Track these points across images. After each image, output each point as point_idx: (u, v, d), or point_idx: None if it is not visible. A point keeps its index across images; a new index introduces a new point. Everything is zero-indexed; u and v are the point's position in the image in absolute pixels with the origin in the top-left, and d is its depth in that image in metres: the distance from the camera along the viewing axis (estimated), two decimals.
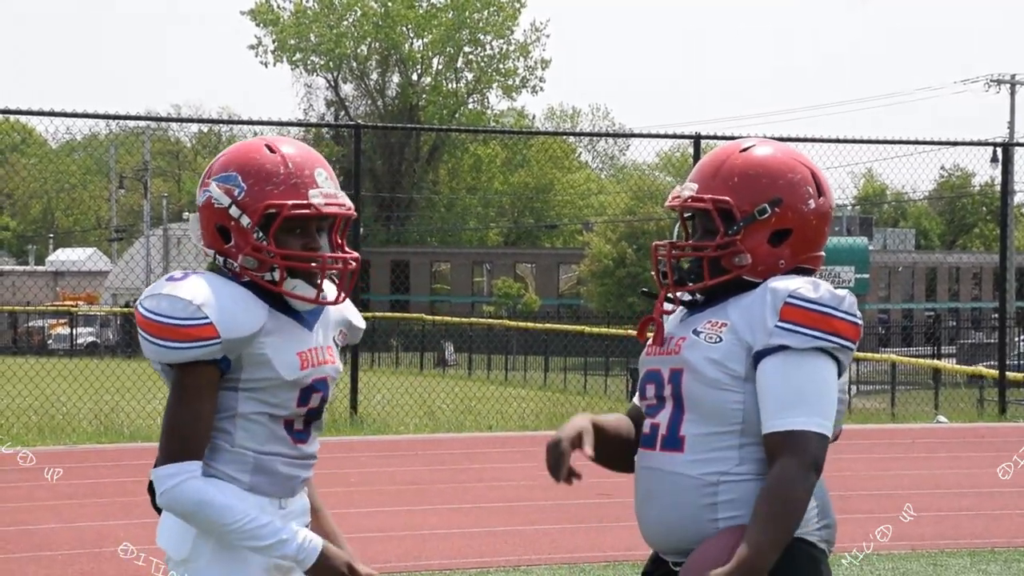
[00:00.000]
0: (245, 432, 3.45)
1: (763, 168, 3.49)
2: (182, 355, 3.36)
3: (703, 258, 3.47)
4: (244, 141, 3.55)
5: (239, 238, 3.45)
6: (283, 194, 3.43)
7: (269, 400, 3.45)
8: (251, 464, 3.45)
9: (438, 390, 23.03)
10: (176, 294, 3.37)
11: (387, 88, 76.57)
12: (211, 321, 3.35)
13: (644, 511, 3.50)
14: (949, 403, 22.51)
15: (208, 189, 3.48)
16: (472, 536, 9.93)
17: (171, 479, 3.40)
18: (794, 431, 3.30)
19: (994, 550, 9.61)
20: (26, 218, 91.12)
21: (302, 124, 48.74)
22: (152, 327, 3.37)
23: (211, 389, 3.40)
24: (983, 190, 71.03)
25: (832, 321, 3.35)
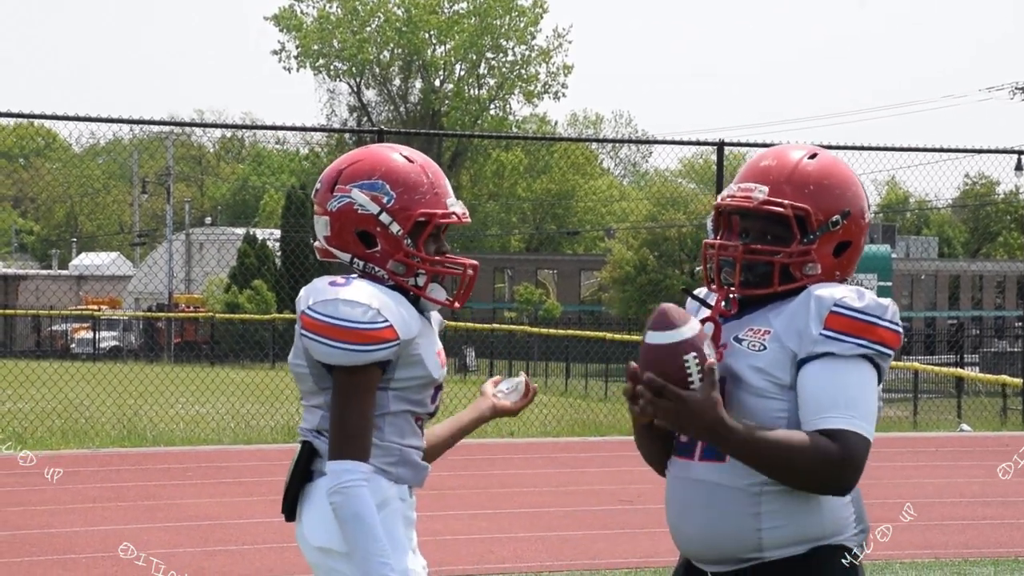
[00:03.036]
0: (392, 428, 3.62)
1: (836, 179, 3.46)
2: (364, 357, 3.50)
3: (774, 263, 3.42)
4: (372, 148, 3.70)
5: (387, 244, 3.61)
6: (429, 203, 3.63)
7: (413, 398, 3.64)
8: (397, 456, 3.63)
9: (459, 396, 23.02)
10: (352, 298, 3.51)
11: (409, 94, 76.67)
12: (391, 324, 3.51)
13: (682, 522, 3.44)
14: (972, 412, 22.44)
15: (349, 195, 3.61)
16: (494, 542, 9.93)
17: (347, 474, 3.51)
18: (836, 429, 3.28)
19: (1018, 559, 9.59)
20: (50, 222, 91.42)
21: (325, 130, 48.83)
22: (332, 331, 3.49)
23: (374, 389, 3.56)
24: (1007, 198, 70.75)
25: (876, 330, 3.33)
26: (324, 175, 3.67)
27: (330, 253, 3.66)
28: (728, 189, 3.52)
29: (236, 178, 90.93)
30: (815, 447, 3.25)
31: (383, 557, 3.49)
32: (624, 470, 13.21)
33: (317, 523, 3.60)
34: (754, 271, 3.44)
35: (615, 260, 57.05)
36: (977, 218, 76.85)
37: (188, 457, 14.56)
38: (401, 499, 3.65)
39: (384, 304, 3.52)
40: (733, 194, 3.48)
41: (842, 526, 3.39)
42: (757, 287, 3.43)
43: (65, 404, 20.04)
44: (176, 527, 10.43)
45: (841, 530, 3.39)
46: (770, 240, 3.44)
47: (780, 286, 3.42)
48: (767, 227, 3.45)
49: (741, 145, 21.02)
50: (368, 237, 3.62)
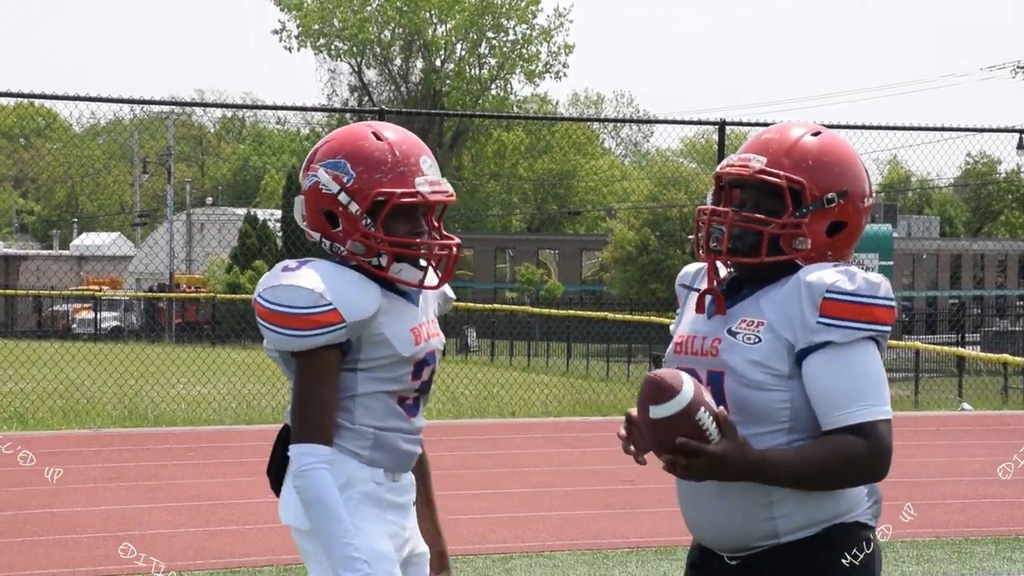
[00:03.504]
0: (365, 410, 3.58)
1: (836, 157, 3.44)
2: (309, 342, 3.48)
3: (763, 233, 3.40)
4: (349, 126, 3.65)
5: (347, 224, 3.57)
6: (391, 182, 3.55)
7: (387, 377, 3.59)
8: (371, 440, 3.60)
9: (461, 376, 23.04)
10: (296, 283, 3.48)
11: (410, 74, 76.56)
12: (335, 307, 3.47)
13: (694, 512, 3.44)
14: (973, 391, 22.45)
15: (315, 174, 3.58)
16: (495, 522, 9.94)
17: (307, 457, 3.50)
18: (863, 423, 3.27)
19: (1019, 538, 9.59)
20: (50, 202, 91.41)
21: (325, 109, 48.72)
22: (277, 317, 3.49)
23: (335, 372, 3.53)
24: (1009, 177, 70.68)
25: (872, 310, 3.32)
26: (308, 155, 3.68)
27: (310, 233, 3.65)
28: (728, 159, 3.51)
29: (237, 158, 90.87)
30: (846, 451, 3.26)
31: (346, 538, 3.48)
32: None
33: (285, 502, 3.63)
34: (743, 239, 3.42)
35: (616, 240, 57.01)
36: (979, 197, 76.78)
37: (189, 437, 14.58)
38: (376, 482, 3.60)
39: (330, 287, 3.48)
40: (732, 163, 3.47)
41: (856, 503, 3.40)
42: (745, 255, 3.41)
43: (67, 384, 20.06)
44: (178, 507, 10.44)
45: (855, 506, 3.39)
46: (765, 211, 3.42)
47: (768, 257, 3.40)
48: (762, 198, 3.43)
49: (742, 124, 20.99)
50: (333, 217, 3.58)
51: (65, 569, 8.36)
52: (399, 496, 3.67)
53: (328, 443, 3.52)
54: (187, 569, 8.37)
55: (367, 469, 3.60)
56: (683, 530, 3.74)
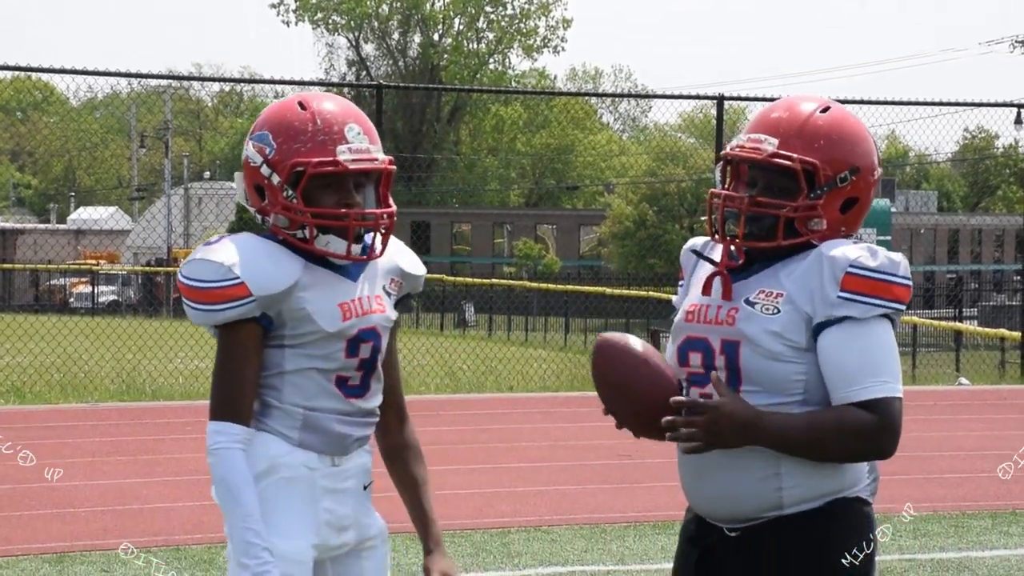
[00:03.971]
0: (294, 388, 3.49)
1: (847, 133, 3.42)
2: (219, 316, 3.43)
3: (780, 217, 3.38)
4: (283, 99, 3.58)
5: (271, 196, 3.49)
6: (310, 152, 3.45)
7: (316, 354, 3.48)
8: (300, 420, 3.49)
9: (459, 351, 23.05)
10: (208, 257, 3.43)
11: (408, 48, 76.39)
12: (242, 280, 3.40)
13: (698, 483, 3.43)
14: (971, 365, 22.46)
15: (246, 148, 3.53)
16: (493, 496, 9.95)
17: (217, 436, 3.44)
18: (875, 400, 3.28)
19: (1015, 512, 9.61)
20: (48, 176, 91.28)
21: (323, 84, 48.59)
22: (190, 292, 3.45)
23: (254, 348, 3.46)
24: (1006, 152, 70.62)
25: (893, 288, 3.32)
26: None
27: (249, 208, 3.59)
28: (737, 138, 3.47)
29: (234, 132, 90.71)
30: (854, 422, 3.27)
31: (247, 523, 3.38)
32: None
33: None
34: (759, 223, 3.40)
35: (614, 215, 56.97)
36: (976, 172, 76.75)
37: (187, 411, 14.57)
38: (308, 467, 3.49)
39: (242, 261, 3.41)
40: (742, 144, 3.43)
41: (859, 478, 3.41)
42: (761, 240, 3.40)
43: (64, 358, 20.05)
44: (175, 481, 10.45)
45: (858, 482, 3.41)
46: (777, 192, 3.40)
47: (784, 240, 3.38)
48: (775, 179, 3.41)
49: (741, 99, 20.96)
50: (260, 190, 3.50)
51: (63, 543, 8.37)
52: (339, 482, 3.53)
53: (243, 422, 3.44)
54: (185, 543, 8.37)
55: (298, 452, 3.48)
56: (681, 504, 3.73)
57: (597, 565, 7.97)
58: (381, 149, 3.53)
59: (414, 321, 41.72)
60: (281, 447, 3.48)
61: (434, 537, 3.67)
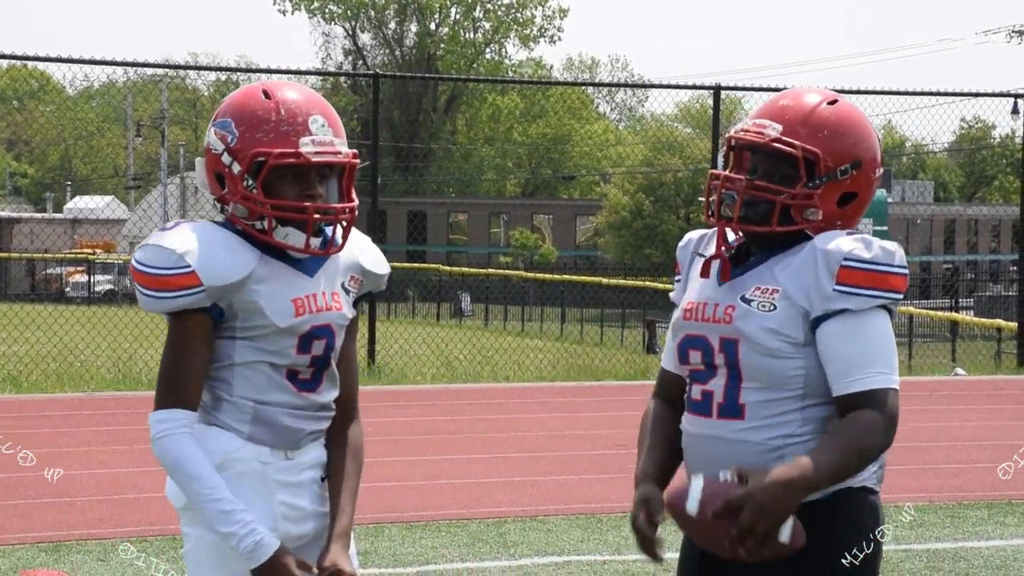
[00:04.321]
0: (244, 381, 3.43)
1: (852, 127, 3.42)
2: (168, 304, 3.37)
3: (776, 203, 3.38)
4: (248, 86, 3.52)
5: (231, 185, 3.42)
6: (272, 142, 3.38)
7: (267, 348, 3.42)
8: (250, 414, 3.43)
9: (455, 341, 23.04)
10: (161, 243, 3.37)
11: (405, 37, 76.32)
12: (193, 269, 3.34)
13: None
14: (967, 355, 22.48)
15: (208, 134, 3.48)
16: (489, 486, 9.95)
17: (160, 425, 3.38)
18: (874, 390, 3.28)
19: (1011, 502, 9.62)
20: (44, 165, 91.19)
21: (320, 73, 48.61)
22: (140, 278, 3.39)
23: (203, 338, 3.39)
24: (1003, 142, 70.62)
25: (889, 278, 3.32)
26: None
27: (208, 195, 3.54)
28: (742, 123, 3.48)
29: None
30: (861, 428, 3.26)
31: (214, 493, 3.33)
32: (619, 414, 13.22)
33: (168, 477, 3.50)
34: (755, 208, 3.40)
35: (611, 205, 56.96)
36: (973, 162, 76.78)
37: None
38: (261, 461, 3.43)
39: (195, 249, 3.34)
40: (747, 128, 3.44)
41: (866, 469, 3.40)
42: (756, 223, 3.39)
43: (60, 348, 20.04)
44: None
45: (864, 472, 3.40)
46: (777, 179, 3.40)
47: (778, 227, 3.38)
48: (776, 166, 3.41)
49: (738, 89, 21.02)
50: (221, 178, 3.44)
51: (59, 532, 8.37)
52: (293, 475, 3.47)
53: (190, 408, 3.38)
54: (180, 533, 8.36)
55: (250, 447, 3.43)
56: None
57: (593, 555, 7.98)
58: (345, 142, 3.45)
59: (411, 311, 41.71)
60: (233, 442, 3.43)
61: (337, 529, 3.51)
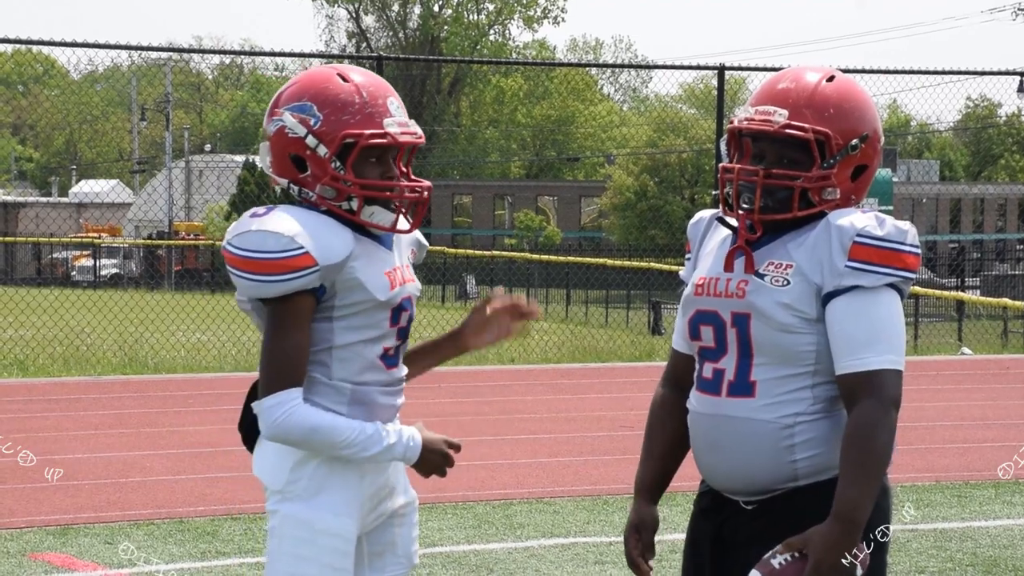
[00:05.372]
0: (342, 363, 3.48)
1: (855, 101, 3.42)
2: (282, 287, 3.39)
3: (795, 188, 3.36)
4: (314, 69, 3.57)
5: (316, 168, 3.48)
6: (359, 124, 3.46)
7: (364, 324, 3.49)
8: (348, 395, 3.49)
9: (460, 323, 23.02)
10: (266, 228, 3.39)
11: (408, 20, 76.18)
12: (307, 250, 3.38)
13: (711, 458, 3.43)
14: (973, 335, 22.47)
15: (281, 118, 3.49)
16: (495, 468, 9.96)
17: (279, 408, 3.40)
18: (872, 371, 3.28)
19: (1018, 481, 9.62)
20: (49, 149, 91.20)
21: (323, 55, 48.47)
22: (247, 264, 3.40)
23: (307, 319, 3.43)
24: (1009, 121, 70.48)
25: (901, 256, 3.32)
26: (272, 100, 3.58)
27: (275, 180, 3.56)
28: (743, 111, 3.46)
29: (235, 105, 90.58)
30: (861, 428, 3.26)
31: (351, 430, 3.41)
32: (624, 396, 13.23)
33: (257, 453, 3.55)
34: (774, 196, 3.39)
35: (615, 186, 56.89)
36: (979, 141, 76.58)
37: (189, 384, 14.59)
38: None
39: (301, 231, 3.38)
40: (751, 117, 3.41)
41: None
42: (776, 212, 3.38)
43: (66, 332, 20.07)
44: (178, 454, 10.46)
45: None
46: (786, 164, 3.39)
47: (800, 211, 3.37)
48: (784, 151, 3.39)
49: (742, 69, 20.91)
50: (301, 161, 3.48)
51: (66, 515, 8.38)
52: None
53: (299, 386, 3.42)
54: (188, 516, 8.38)
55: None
56: (682, 476, 3.73)
57: (599, 536, 7.98)
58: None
59: None
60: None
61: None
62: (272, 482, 3.51)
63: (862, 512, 3.24)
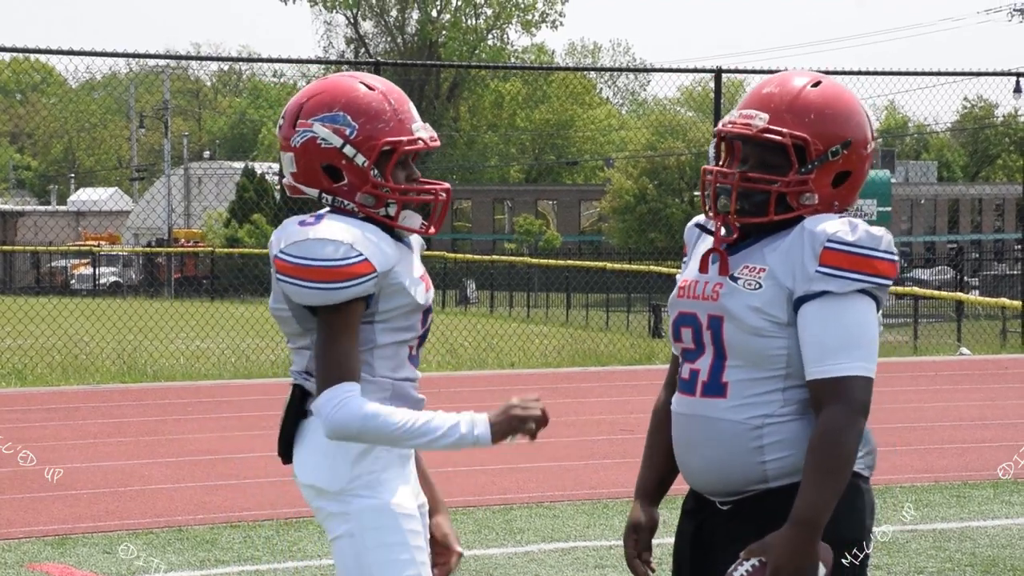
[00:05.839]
0: (383, 361, 3.53)
1: (838, 108, 3.42)
2: (343, 294, 3.42)
3: (771, 192, 3.38)
4: (332, 78, 3.60)
5: (354, 177, 3.52)
6: (393, 131, 3.52)
7: (402, 326, 3.54)
8: (389, 391, 3.54)
9: (460, 328, 23.04)
10: (323, 236, 3.43)
11: (406, 25, 76.23)
12: (366, 257, 3.42)
13: (687, 457, 3.47)
14: (972, 335, 22.46)
15: (311, 129, 3.52)
16: (496, 473, 9.96)
17: (332, 402, 3.43)
18: (840, 377, 3.28)
19: (1017, 481, 9.61)
20: (47, 158, 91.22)
21: (322, 61, 48.50)
22: (306, 272, 3.41)
23: (358, 324, 3.48)
24: (1006, 121, 70.50)
25: (873, 262, 3.31)
26: (286, 110, 3.59)
27: (299, 190, 3.57)
28: (730, 115, 3.48)
29: (234, 112, 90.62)
30: (825, 433, 3.27)
31: (418, 421, 3.43)
32: (625, 399, 13.23)
33: (305, 460, 3.56)
34: (751, 199, 3.40)
35: (615, 190, 56.92)
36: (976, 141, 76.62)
37: (189, 392, 14.58)
38: None
39: (357, 238, 3.43)
40: (734, 120, 3.44)
41: None
42: (753, 215, 3.40)
43: (65, 340, 20.06)
44: (177, 462, 10.45)
45: None
46: (769, 168, 3.40)
47: (776, 215, 3.38)
48: (766, 155, 3.41)
49: (739, 72, 20.97)
50: (335, 171, 3.51)
51: (64, 525, 8.37)
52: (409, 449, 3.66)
53: (354, 380, 3.46)
54: (187, 524, 8.38)
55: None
56: (682, 479, 3.74)
57: (599, 540, 7.98)
58: None
59: None
60: None
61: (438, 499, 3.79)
62: (332, 483, 3.52)
63: (821, 516, 3.25)
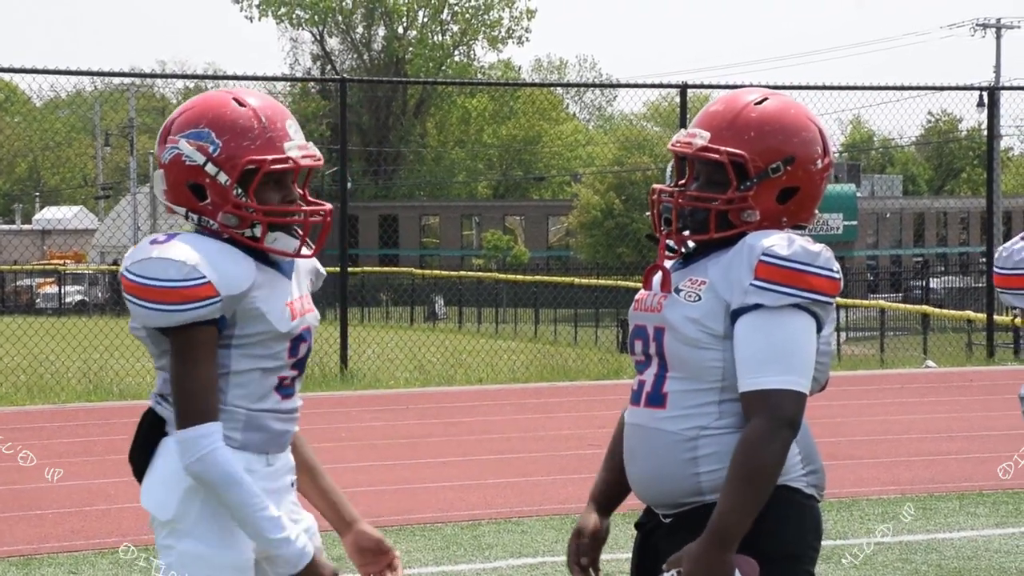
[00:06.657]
0: (238, 389, 3.42)
1: (779, 124, 3.43)
2: (182, 317, 3.32)
3: (710, 210, 3.41)
4: (207, 94, 3.48)
5: (216, 196, 3.40)
6: (260, 149, 3.39)
7: (262, 354, 3.42)
8: (243, 421, 3.42)
9: (428, 344, 23.02)
10: (167, 256, 3.32)
11: (373, 42, 76.24)
12: (208, 280, 3.31)
13: (631, 466, 3.52)
14: (938, 348, 22.56)
15: (176, 146, 3.42)
16: (463, 489, 9.95)
17: (202, 442, 3.34)
18: (768, 390, 3.29)
19: (982, 493, 9.65)
20: (12, 177, 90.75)
21: (288, 79, 48.46)
22: (146, 292, 3.32)
23: (212, 348, 3.36)
24: (970, 135, 70.95)
25: (807, 277, 3.32)
26: (162, 126, 3.50)
27: (171, 208, 3.48)
28: (678, 133, 3.53)
29: None
30: (747, 445, 3.28)
31: (264, 510, 3.33)
32: (593, 414, 13.23)
33: (146, 485, 3.52)
34: (693, 216, 3.45)
35: (582, 205, 57.01)
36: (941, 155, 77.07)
37: None
38: (250, 470, 3.41)
39: (203, 260, 3.32)
40: (680, 139, 3.48)
41: (786, 467, 3.37)
42: (696, 232, 3.45)
43: (30, 359, 19.94)
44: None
45: (785, 471, 3.37)
46: (715, 186, 3.43)
47: (717, 232, 3.42)
48: (712, 173, 3.44)
49: (704, 87, 21.01)
50: (199, 188, 3.40)
51: (30, 545, 8.32)
52: (273, 481, 3.48)
53: (216, 419, 3.36)
54: (153, 543, 8.32)
55: (239, 455, 3.41)
56: None
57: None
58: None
59: (384, 315, 41.64)
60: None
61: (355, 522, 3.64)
62: (160, 513, 3.48)
63: (735, 527, 3.26)
